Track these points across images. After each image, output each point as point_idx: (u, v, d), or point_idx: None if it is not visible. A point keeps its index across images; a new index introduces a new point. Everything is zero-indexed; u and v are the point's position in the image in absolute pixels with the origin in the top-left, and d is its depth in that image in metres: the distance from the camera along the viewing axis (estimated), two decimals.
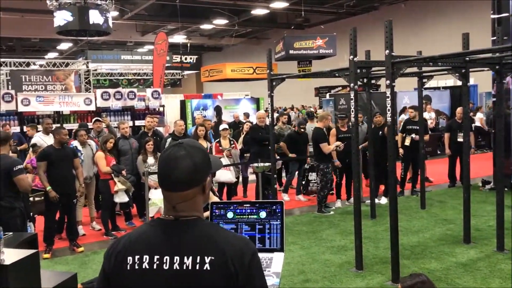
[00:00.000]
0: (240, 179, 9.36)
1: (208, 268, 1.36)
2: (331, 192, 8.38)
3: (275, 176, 7.49)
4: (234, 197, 8.96)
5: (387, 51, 4.64)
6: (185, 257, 1.39)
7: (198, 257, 1.38)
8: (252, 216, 2.35)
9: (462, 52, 4.62)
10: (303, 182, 9.18)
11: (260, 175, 7.67)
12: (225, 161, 7.88)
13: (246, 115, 12.73)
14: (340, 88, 21.44)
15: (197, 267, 1.37)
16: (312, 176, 8.99)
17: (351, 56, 5.09)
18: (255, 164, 7.53)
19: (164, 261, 1.40)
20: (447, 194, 8.88)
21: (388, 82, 4.69)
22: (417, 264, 5.33)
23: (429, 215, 7.47)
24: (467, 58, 5.29)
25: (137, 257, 1.41)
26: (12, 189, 4.71)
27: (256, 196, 8.14)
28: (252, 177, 9.27)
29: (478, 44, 5.81)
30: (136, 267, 1.41)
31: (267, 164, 7.27)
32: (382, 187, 8.46)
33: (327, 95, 17.64)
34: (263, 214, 2.35)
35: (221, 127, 8.37)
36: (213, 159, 1.67)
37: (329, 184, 7.89)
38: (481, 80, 14.64)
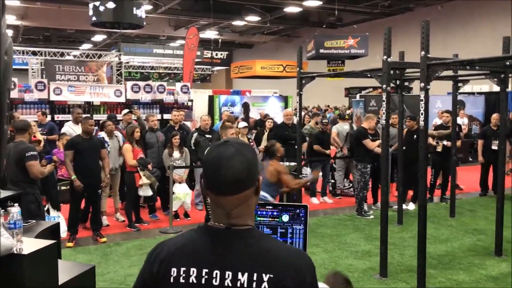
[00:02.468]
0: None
1: (266, 287, 1.22)
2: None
3: (300, 176, 7.35)
4: None
5: (423, 52, 4.47)
6: (240, 273, 1.24)
7: (255, 274, 1.23)
8: (274, 219, 2.26)
9: (502, 56, 4.41)
10: (331, 183, 9.08)
11: None
12: None
13: (263, 115, 12.57)
14: (371, 89, 21.09)
15: (254, 286, 1.22)
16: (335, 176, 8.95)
17: (385, 57, 4.94)
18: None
19: (214, 275, 1.25)
20: (478, 203, 8.58)
21: (422, 84, 4.52)
22: (444, 274, 5.15)
23: (458, 223, 7.22)
24: (507, 63, 5.05)
25: (183, 269, 1.28)
26: (26, 175, 4.81)
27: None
28: None
29: None
30: (182, 280, 1.27)
31: (292, 163, 7.15)
32: (410, 193, 8.24)
33: (358, 96, 17.38)
34: (285, 218, 2.25)
35: (240, 124, 8.26)
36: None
37: (368, 184, 7.78)
38: None
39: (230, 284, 1.23)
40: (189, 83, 13.00)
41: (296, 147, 7.36)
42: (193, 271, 1.26)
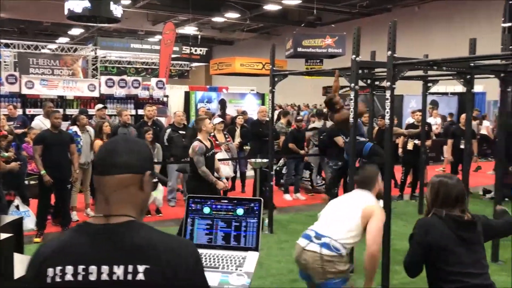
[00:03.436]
0: (238, 174, 9.32)
1: (143, 278, 1.23)
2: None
3: (272, 173, 7.40)
4: (232, 192, 8.91)
5: (389, 52, 4.55)
6: (115, 266, 1.24)
7: (131, 266, 1.23)
8: (229, 213, 2.29)
9: (466, 57, 4.53)
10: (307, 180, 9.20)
11: (259, 171, 7.61)
12: (223, 155, 7.82)
13: (244, 113, 12.60)
14: (348, 88, 21.27)
15: (129, 277, 1.23)
16: (306, 174, 9.02)
17: (353, 56, 5.01)
18: (253, 160, 7.47)
19: (91, 271, 1.24)
20: None
21: (388, 84, 4.60)
22: None
23: None
24: (472, 64, 5.18)
25: (59, 268, 1.25)
26: None
27: (253, 193, 8.09)
28: (251, 172, 9.22)
29: (489, 51, 5.72)
30: (58, 279, 1.25)
31: (264, 160, 7.20)
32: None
33: None
34: (240, 211, 2.29)
35: (215, 120, 8.27)
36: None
37: (339, 181, 7.88)
38: (490, 88, 14.45)
39: (106, 278, 1.23)
40: (165, 79, 12.94)
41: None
42: (69, 269, 1.25)
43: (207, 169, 5.45)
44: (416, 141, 8.49)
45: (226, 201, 2.31)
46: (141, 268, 1.23)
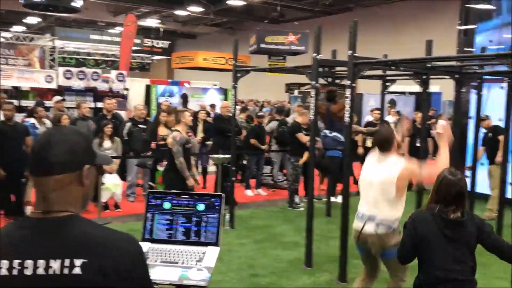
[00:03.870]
0: (200, 169, 9.28)
1: (79, 273, 1.20)
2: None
3: (234, 168, 7.42)
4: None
5: (350, 51, 4.65)
6: (52, 261, 1.21)
7: (68, 260, 1.21)
8: (189, 208, 2.29)
9: (422, 58, 4.68)
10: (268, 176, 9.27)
11: (220, 167, 7.60)
12: None
13: (213, 106, 12.61)
14: (310, 86, 21.48)
15: (66, 272, 1.20)
16: (266, 169, 9.10)
17: (314, 54, 5.08)
18: (215, 156, 7.46)
19: (26, 266, 1.21)
20: None
21: (348, 82, 4.70)
22: None
23: None
24: (429, 65, 5.35)
25: None
26: None
27: (215, 188, 8.08)
28: (213, 168, 9.21)
29: (446, 53, 5.93)
30: None
31: (226, 156, 7.20)
32: (340, 186, 8.53)
33: (296, 92, 17.71)
34: (201, 207, 2.29)
35: None
36: (102, 153, 1.52)
37: (299, 177, 7.97)
38: (446, 88, 14.97)
39: (42, 273, 1.21)
40: (125, 71, 12.70)
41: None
42: (5, 263, 1.22)
43: (184, 161, 5.47)
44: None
45: (187, 196, 2.31)
46: (78, 262, 1.21)
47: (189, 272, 2.07)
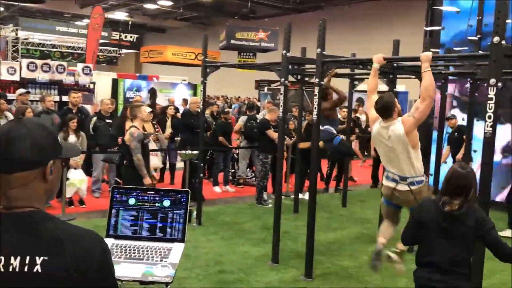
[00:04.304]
0: (168, 165, 9.19)
1: (39, 270, 1.17)
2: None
3: (202, 164, 7.38)
4: (161, 184, 8.77)
5: (319, 49, 4.68)
6: (12, 258, 1.18)
7: (28, 257, 1.18)
8: (155, 204, 2.26)
9: (388, 57, 4.75)
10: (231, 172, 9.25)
11: (188, 163, 7.55)
12: (151, 145, 7.65)
13: (185, 101, 12.50)
14: (279, 83, 21.58)
15: (26, 269, 1.17)
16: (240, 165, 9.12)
17: (284, 51, 5.10)
18: (182, 151, 7.40)
19: None
20: (368, 194, 9.20)
21: (317, 80, 4.73)
22: (331, 260, 5.46)
23: (349, 213, 7.70)
24: (395, 65, 5.45)
25: None
26: None
27: (182, 184, 8.02)
28: (181, 164, 9.13)
29: (414, 53, 6.05)
30: None
31: (194, 152, 7.15)
32: (307, 183, 8.62)
33: (265, 89, 17.76)
34: (167, 203, 2.27)
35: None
36: (69, 145, 1.46)
37: (268, 174, 7.98)
38: (412, 88, 15.29)
39: (1, 270, 1.18)
40: (92, 65, 12.43)
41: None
42: None
43: (142, 158, 5.37)
44: (342, 136, 8.81)
45: (152, 192, 2.28)
46: (38, 260, 1.18)
47: (153, 268, 2.04)
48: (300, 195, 7.87)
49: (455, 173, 2.83)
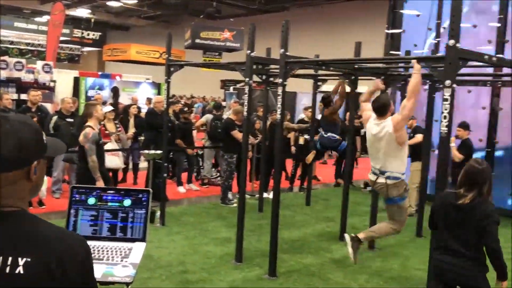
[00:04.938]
0: (131, 165, 9.06)
1: (22, 272, 1.15)
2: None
3: (166, 164, 7.32)
4: (123, 184, 8.65)
5: (282, 50, 4.73)
6: None
7: (10, 258, 1.16)
8: (115, 204, 2.24)
9: (350, 59, 4.87)
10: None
11: (152, 163, 7.46)
12: (113, 145, 7.54)
13: (149, 100, 12.35)
14: (244, 83, 21.58)
15: (7, 270, 1.15)
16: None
17: (248, 51, 5.12)
18: (146, 151, 7.30)
19: None
20: (332, 193, 9.35)
21: (280, 80, 4.78)
22: (295, 258, 5.52)
23: (312, 211, 7.81)
24: (356, 66, 5.57)
25: None
26: None
27: (146, 185, 7.92)
28: (144, 164, 9.02)
29: (375, 55, 6.21)
30: None
31: (158, 151, 7.08)
32: (272, 182, 8.68)
33: (231, 89, 17.76)
34: (127, 202, 2.25)
35: (106, 108, 7.91)
36: (53, 142, 1.41)
37: (233, 174, 7.98)
38: None
39: None
40: (52, 62, 12.12)
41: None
42: None
43: (97, 160, 5.24)
44: (306, 136, 8.93)
45: (113, 191, 2.25)
46: (21, 261, 1.16)
47: (114, 268, 2.02)
48: (265, 194, 7.92)
49: (471, 168, 3.09)
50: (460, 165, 5.70)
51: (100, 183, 5.25)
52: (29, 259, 1.17)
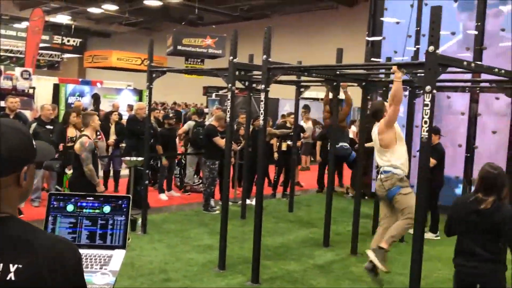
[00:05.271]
0: (112, 172, 8.95)
1: (13, 278, 1.15)
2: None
3: (147, 171, 7.24)
4: (104, 191, 8.51)
5: (264, 56, 4.74)
6: None
7: (1, 265, 1.16)
8: (95, 210, 2.19)
9: (332, 65, 4.91)
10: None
11: (133, 170, 7.38)
12: None
13: (130, 107, 12.24)
14: (227, 89, 21.59)
15: None
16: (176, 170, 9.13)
17: (231, 57, 5.12)
18: (127, 158, 7.22)
19: None
20: (315, 199, 9.36)
21: (263, 86, 4.78)
22: (277, 265, 5.50)
23: (295, 218, 7.81)
24: (338, 72, 5.60)
25: None
26: None
27: (127, 192, 7.82)
28: (126, 171, 8.91)
29: (356, 61, 6.26)
30: None
31: (140, 158, 7.00)
32: (255, 189, 8.66)
33: (214, 95, 17.75)
34: (107, 209, 2.20)
35: None
36: (43, 146, 1.39)
37: (215, 180, 7.93)
38: (355, 96, 15.77)
39: None
40: (31, 69, 11.94)
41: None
42: None
43: (93, 168, 5.26)
44: (289, 142, 8.94)
45: (91, 198, 2.21)
46: (12, 267, 1.16)
47: (93, 276, 1.97)
48: (248, 201, 7.89)
49: (486, 174, 3.14)
50: (432, 170, 5.65)
51: (101, 188, 5.39)
52: (20, 266, 1.16)
